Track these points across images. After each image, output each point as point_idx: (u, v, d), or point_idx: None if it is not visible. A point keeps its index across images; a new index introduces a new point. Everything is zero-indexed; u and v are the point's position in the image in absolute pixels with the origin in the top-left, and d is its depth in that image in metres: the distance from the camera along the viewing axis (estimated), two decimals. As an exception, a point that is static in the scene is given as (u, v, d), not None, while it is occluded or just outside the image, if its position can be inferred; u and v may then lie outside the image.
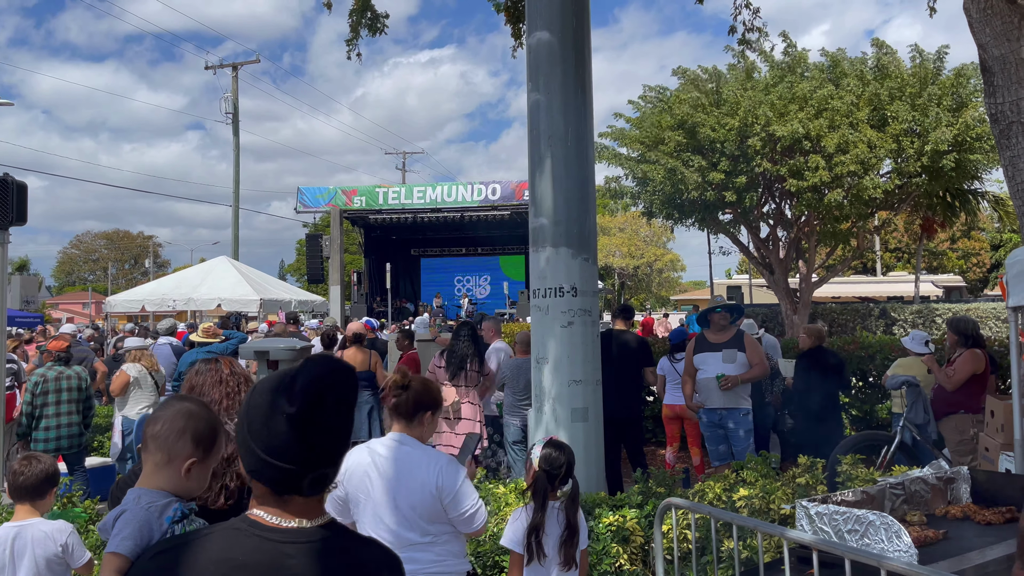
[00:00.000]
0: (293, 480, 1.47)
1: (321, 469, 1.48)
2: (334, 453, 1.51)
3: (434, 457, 2.97)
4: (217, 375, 2.75)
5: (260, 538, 1.45)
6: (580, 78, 5.57)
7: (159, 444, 1.97)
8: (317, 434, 1.46)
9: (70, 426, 6.80)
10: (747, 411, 6.39)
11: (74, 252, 79.88)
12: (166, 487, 1.96)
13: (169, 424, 1.98)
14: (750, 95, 13.90)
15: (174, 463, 1.96)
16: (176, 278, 20.51)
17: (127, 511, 1.90)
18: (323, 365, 1.52)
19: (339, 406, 1.49)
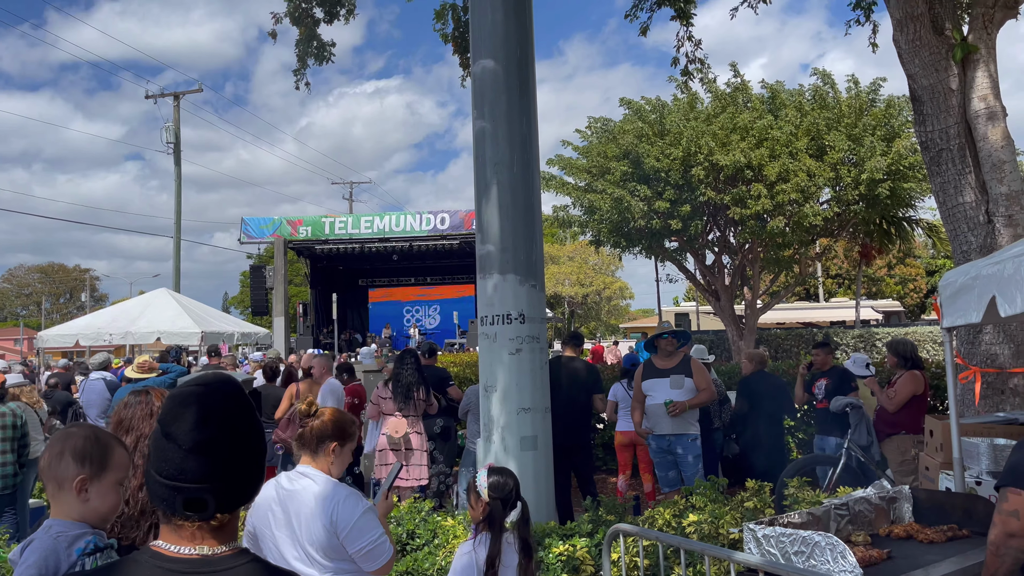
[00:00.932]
0: (172, 498, 1.41)
1: (196, 486, 1.40)
2: (207, 471, 1.41)
3: (334, 490, 2.82)
4: (148, 408, 2.64)
5: (161, 569, 1.39)
6: (525, 106, 5.59)
7: (46, 475, 1.93)
8: (184, 448, 1.40)
9: (3, 465, 6.44)
10: (695, 436, 6.40)
11: (5, 287, 77.09)
12: (74, 516, 1.90)
13: (48, 452, 1.93)
14: (693, 125, 14.22)
15: (64, 487, 1.90)
16: (113, 311, 19.87)
17: (35, 540, 1.82)
18: (198, 381, 1.49)
19: (207, 421, 1.42)
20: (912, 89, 4.81)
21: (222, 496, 1.42)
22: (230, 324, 19.86)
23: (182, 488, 1.40)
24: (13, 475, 6.59)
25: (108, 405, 8.34)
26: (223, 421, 1.44)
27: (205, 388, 1.47)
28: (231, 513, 1.45)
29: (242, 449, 1.46)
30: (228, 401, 1.47)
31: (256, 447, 1.50)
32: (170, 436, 1.42)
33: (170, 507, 1.42)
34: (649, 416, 6.48)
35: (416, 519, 5.04)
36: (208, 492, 1.41)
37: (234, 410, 1.47)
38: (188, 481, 1.40)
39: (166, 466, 1.42)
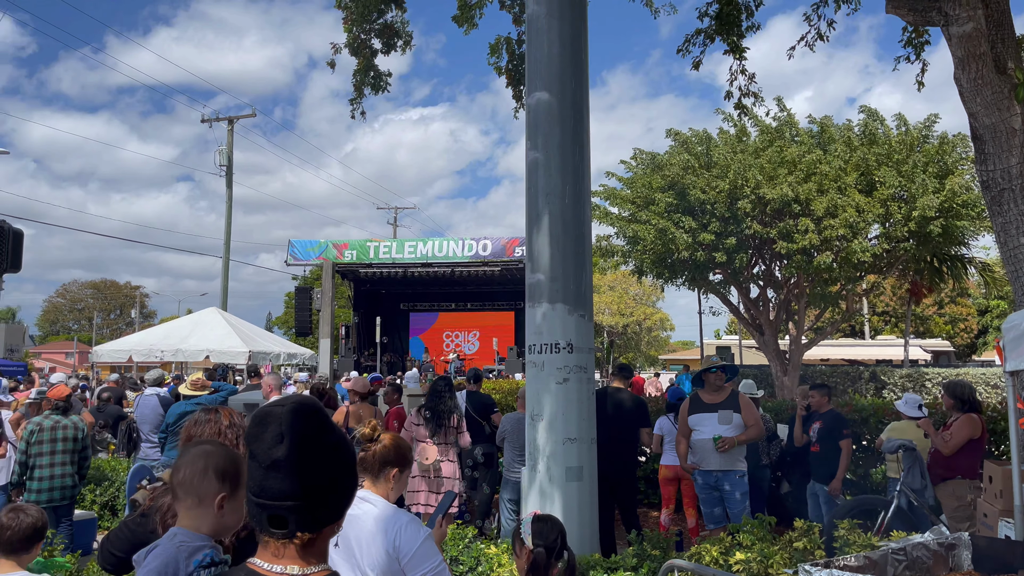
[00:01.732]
0: (259, 515, 1.46)
1: (275, 503, 1.44)
2: (285, 489, 1.44)
3: (395, 516, 2.84)
4: (216, 427, 2.71)
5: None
6: (578, 137, 5.66)
7: (186, 490, 2.01)
8: (263, 467, 1.45)
9: (63, 477, 6.62)
10: (743, 473, 6.32)
11: (59, 301, 79.33)
12: (203, 529, 1.99)
13: (190, 468, 2.01)
14: (740, 158, 14.17)
15: (205, 503, 1.99)
16: (164, 328, 20.34)
17: (159, 546, 1.92)
18: (277, 402, 1.53)
19: (283, 440, 1.45)
20: (973, 128, 4.76)
21: (301, 514, 1.45)
22: (276, 345, 20.17)
23: (265, 505, 1.45)
24: (72, 486, 6.77)
25: (161, 421, 8.52)
26: (298, 441, 1.46)
27: (282, 408, 1.50)
28: (314, 533, 1.48)
29: (319, 468, 1.48)
30: (304, 421, 1.48)
31: (337, 467, 1.52)
32: (252, 455, 1.47)
33: (257, 523, 1.47)
34: (696, 451, 6.42)
35: (460, 546, 5.05)
36: (286, 510, 1.44)
37: (310, 430, 1.48)
38: (268, 498, 1.45)
39: (252, 483, 1.47)
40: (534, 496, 5.46)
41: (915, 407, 6.97)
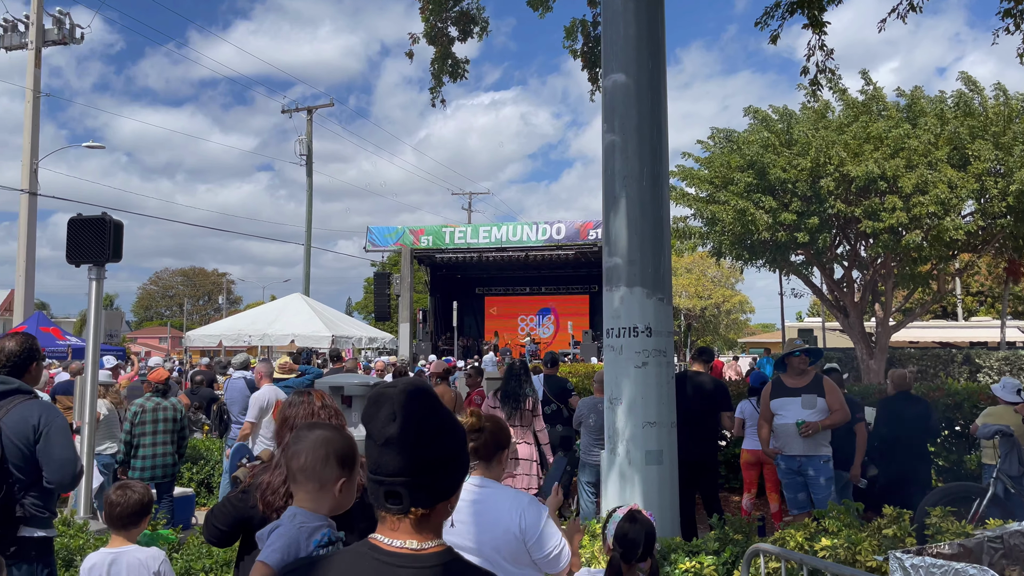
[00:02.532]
0: (376, 490, 1.55)
1: (390, 479, 1.52)
2: (398, 466, 1.52)
3: (516, 498, 2.92)
4: (309, 408, 2.83)
5: (377, 560, 1.53)
6: (655, 119, 5.60)
7: (308, 475, 2.11)
8: (378, 444, 1.54)
9: (165, 456, 7.02)
10: (828, 458, 6.19)
11: (152, 288, 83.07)
12: (321, 510, 2.10)
13: (312, 454, 2.10)
14: (823, 135, 13.72)
15: (327, 487, 2.09)
16: (252, 314, 21.12)
17: (281, 527, 2.03)
18: (390, 384, 1.61)
19: (394, 419, 1.53)
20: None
21: (414, 490, 1.53)
22: (357, 329, 20.69)
23: (381, 481, 1.54)
24: (172, 465, 7.16)
25: (248, 403, 8.88)
26: (409, 420, 1.53)
27: (395, 390, 1.59)
28: (428, 508, 1.56)
29: (430, 446, 1.55)
30: (415, 401, 1.56)
31: (447, 445, 1.59)
32: (369, 434, 1.56)
33: (375, 499, 1.56)
34: (778, 436, 6.32)
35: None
36: (400, 485, 1.52)
37: (421, 410, 1.56)
38: (384, 475, 1.53)
39: (369, 461, 1.57)
40: (614, 479, 5.48)
41: (1013, 391, 6.68)
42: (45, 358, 6.39)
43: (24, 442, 3.26)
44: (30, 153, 20.44)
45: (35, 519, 3.32)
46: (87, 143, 23.07)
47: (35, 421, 3.29)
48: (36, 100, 20.63)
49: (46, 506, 3.38)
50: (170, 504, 7.14)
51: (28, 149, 20.49)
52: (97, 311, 6.65)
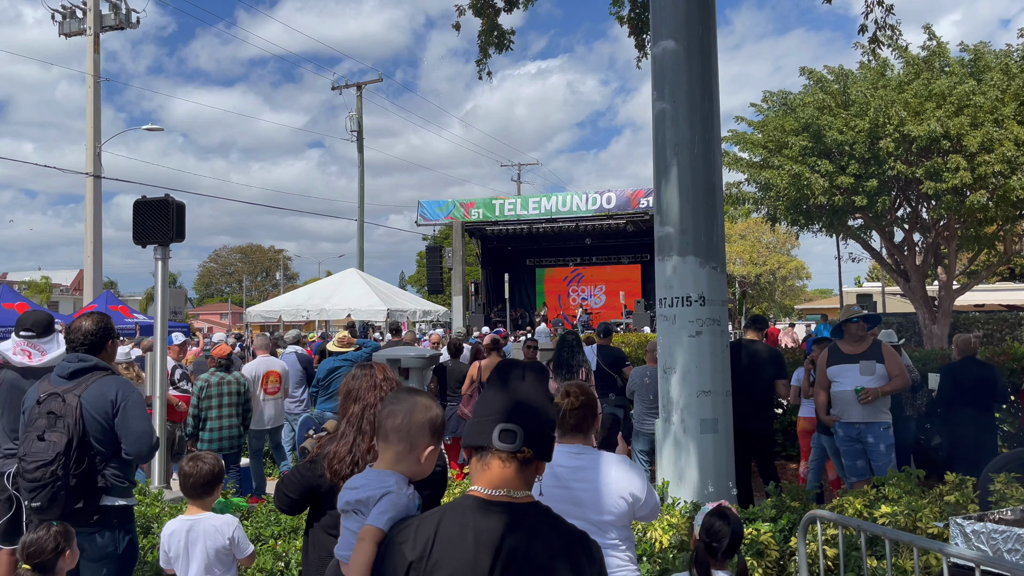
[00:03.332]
0: (490, 430, 1.77)
1: (510, 422, 1.76)
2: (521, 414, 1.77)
3: (620, 463, 3.07)
4: (372, 380, 2.92)
5: (477, 508, 1.72)
6: (706, 85, 5.53)
7: (401, 436, 2.20)
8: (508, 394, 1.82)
9: (230, 428, 7.30)
10: (887, 425, 6.10)
11: (212, 266, 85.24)
12: (407, 472, 2.21)
13: (410, 417, 2.20)
14: (881, 94, 13.29)
15: (415, 451, 2.20)
16: (309, 290, 21.57)
17: (392, 493, 2.13)
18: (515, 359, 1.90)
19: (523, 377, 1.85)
20: None
21: (529, 432, 1.73)
22: (411, 302, 20.99)
23: (497, 420, 1.76)
24: (238, 436, 7.43)
25: (301, 376, 9.13)
26: (535, 381, 1.85)
27: (522, 363, 1.93)
28: (533, 456, 1.76)
29: (543, 405, 1.84)
30: (537, 372, 1.89)
31: (551, 413, 1.87)
32: (498, 385, 1.84)
33: (487, 439, 1.77)
34: (836, 403, 6.25)
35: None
36: (519, 425, 1.75)
37: (540, 378, 1.88)
38: (503, 415, 1.77)
39: (483, 407, 1.83)
40: (668, 448, 5.51)
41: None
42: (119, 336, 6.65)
43: (103, 416, 3.44)
44: (92, 137, 21.09)
45: (116, 489, 3.52)
46: (147, 126, 23.69)
47: (113, 396, 3.47)
48: (96, 85, 21.22)
49: (125, 476, 3.58)
50: (237, 474, 7.42)
51: (91, 133, 21.13)
52: (164, 289, 6.89)
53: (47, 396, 3.42)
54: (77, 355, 3.56)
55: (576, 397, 3.06)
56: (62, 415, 3.34)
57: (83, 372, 3.52)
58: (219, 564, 3.39)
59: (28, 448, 3.34)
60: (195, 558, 3.37)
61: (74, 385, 3.46)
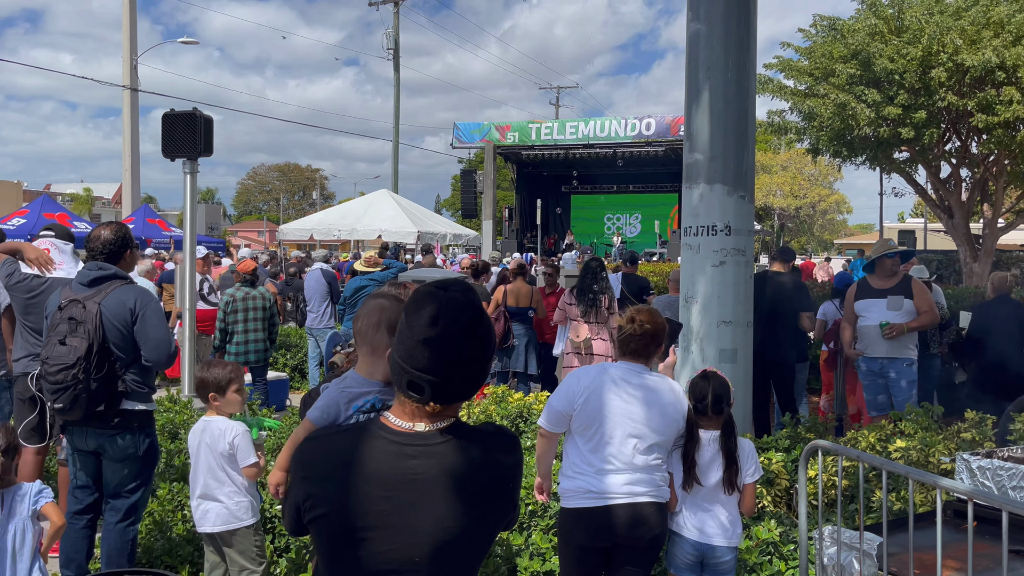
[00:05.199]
0: (400, 377, 1.63)
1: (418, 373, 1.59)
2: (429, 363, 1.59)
3: (673, 385, 3.30)
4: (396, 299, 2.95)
5: (383, 439, 1.64)
6: (743, 5, 5.30)
7: (362, 338, 2.25)
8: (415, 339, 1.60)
9: (256, 342, 7.47)
10: (911, 361, 6.03)
11: (250, 183, 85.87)
12: (376, 376, 2.24)
13: (365, 319, 2.25)
14: (937, 20, 12.65)
15: (377, 352, 2.22)
16: (341, 209, 21.71)
17: (329, 388, 2.19)
18: (440, 284, 1.66)
19: (437, 320, 1.59)
20: None
21: (436, 388, 1.60)
22: (442, 225, 21.03)
23: (407, 371, 1.61)
24: (264, 350, 7.61)
25: (326, 292, 9.22)
26: (450, 326, 1.59)
27: (445, 292, 1.63)
28: (446, 405, 1.64)
29: (462, 355, 1.61)
30: (459, 311, 1.62)
31: (478, 358, 1.65)
32: (409, 324, 1.62)
33: (397, 383, 1.66)
34: (861, 337, 6.18)
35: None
36: (425, 382, 1.59)
37: (462, 319, 1.61)
38: (412, 367, 1.60)
39: (401, 349, 1.63)
40: (686, 376, 5.50)
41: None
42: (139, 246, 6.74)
43: (122, 323, 3.53)
44: (129, 49, 21.05)
45: (136, 394, 3.64)
46: (182, 39, 23.55)
47: (131, 304, 3.55)
48: (132, -4, 21.04)
49: (145, 382, 3.69)
50: (264, 387, 7.62)
51: (127, 46, 21.09)
52: (192, 203, 6.97)
53: (68, 302, 3.52)
54: (96, 263, 3.64)
55: (640, 325, 3.18)
56: (82, 321, 3.44)
57: (103, 280, 3.60)
58: (223, 469, 3.45)
59: (50, 352, 3.45)
60: (203, 458, 3.47)
61: (94, 292, 3.55)
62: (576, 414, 3.13)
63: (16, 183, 45.75)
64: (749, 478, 3.24)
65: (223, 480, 3.45)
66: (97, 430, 3.59)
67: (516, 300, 8.20)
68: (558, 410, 3.17)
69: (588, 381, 3.16)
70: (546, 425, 3.24)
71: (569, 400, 3.14)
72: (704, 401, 3.24)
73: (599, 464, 3.07)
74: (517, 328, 8.19)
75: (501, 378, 8.29)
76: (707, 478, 3.20)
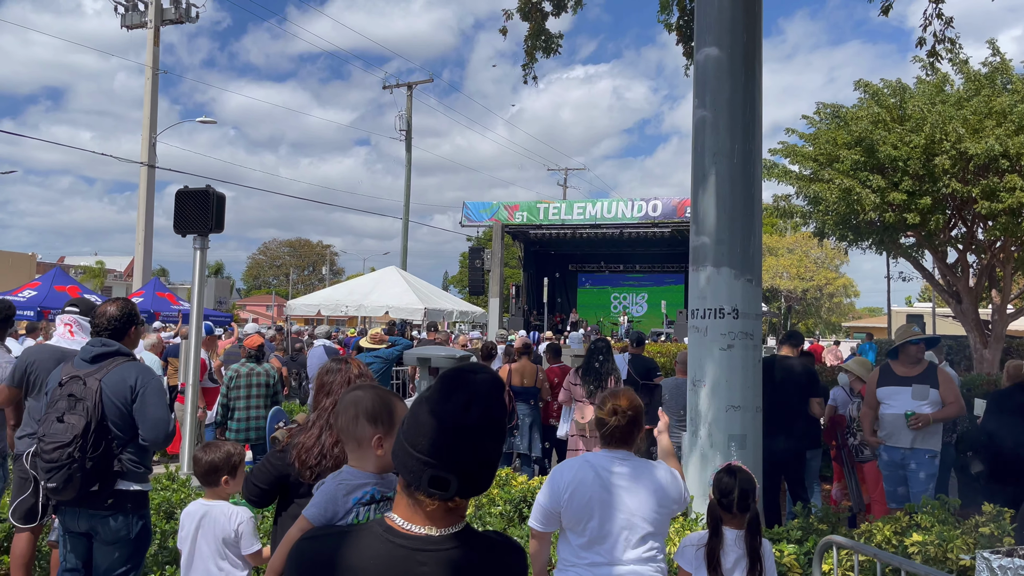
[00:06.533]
0: (421, 472, 1.46)
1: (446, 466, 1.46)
2: (460, 455, 1.46)
3: (662, 467, 3.16)
4: (345, 375, 2.91)
5: (389, 543, 1.49)
6: (749, 94, 5.41)
7: (346, 435, 2.23)
8: (445, 427, 1.46)
9: (258, 419, 7.36)
10: (934, 453, 5.85)
11: (261, 258, 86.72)
12: (368, 468, 2.20)
13: (343, 415, 2.24)
14: (939, 110, 12.90)
15: (363, 445, 2.19)
16: (349, 286, 21.80)
17: (325, 483, 2.15)
18: (469, 368, 1.54)
19: (471, 406, 1.48)
20: None
21: (466, 481, 1.47)
22: (449, 303, 21.06)
23: (432, 465, 1.45)
24: (265, 428, 7.49)
25: None
26: (486, 412, 1.47)
27: (477, 376, 1.51)
28: (466, 499, 1.52)
29: (492, 443, 1.51)
30: (494, 397, 1.50)
31: (501, 441, 1.54)
32: (435, 413, 1.47)
33: (415, 480, 1.47)
34: (884, 426, 6.02)
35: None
36: (456, 475, 1.45)
37: (497, 407, 1.51)
38: (440, 460, 1.45)
39: (423, 441, 1.46)
40: (695, 462, 5.40)
41: None
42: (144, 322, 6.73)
43: (122, 401, 3.48)
44: (149, 127, 21.61)
45: (131, 474, 3.56)
46: (200, 118, 24.19)
47: (132, 382, 3.51)
48: (155, 77, 21.75)
49: (142, 462, 3.61)
50: (264, 465, 7.48)
51: (147, 124, 21.66)
52: (201, 278, 6.99)
53: (69, 379, 3.48)
54: (100, 339, 3.61)
55: (623, 415, 3.08)
56: (82, 398, 3.39)
57: (105, 356, 3.57)
58: (225, 556, 3.34)
59: (47, 429, 3.39)
60: (201, 544, 3.36)
61: (96, 369, 3.51)
62: (563, 510, 3.01)
63: (30, 255, 46.30)
64: None
65: (227, 569, 3.33)
66: (90, 511, 3.49)
67: (521, 379, 8.13)
68: (545, 507, 3.06)
69: (571, 475, 3.03)
70: (537, 525, 3.10)
71: (555, 496, 3.03)
72: (730, 496, 3.10)
73: (591, 558, 2.96)
74: (521, 408, 8.09)
75: (504, 459, 8.14)
76: None
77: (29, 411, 4.45)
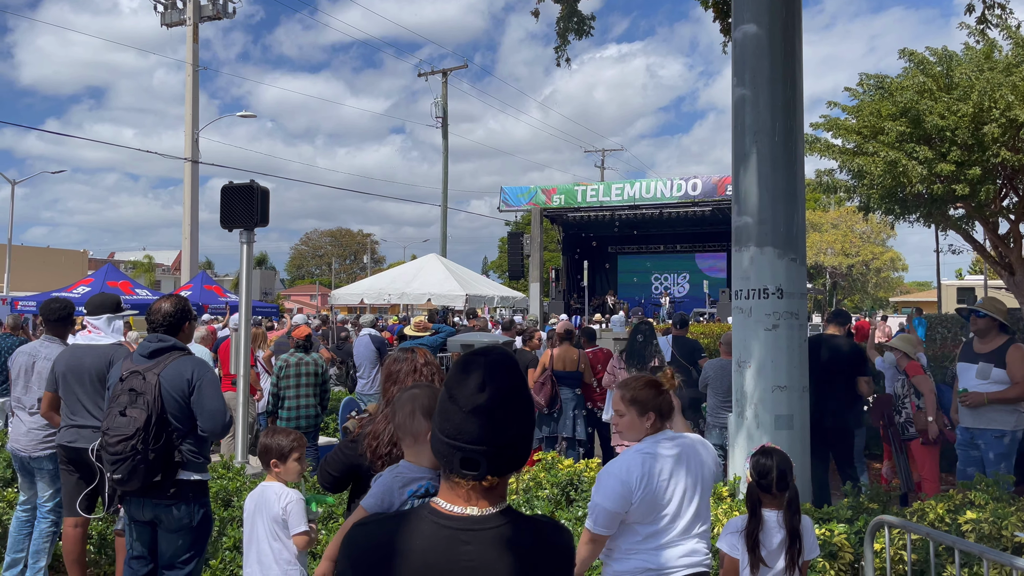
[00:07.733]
0: (451, 456, 1.56)
1: (472, 447, 1.54)
2: (482, 434, 1.54)
3: (704, 442, 3.20)
4: (412, 364, 2.98)
5: (436, 524, 1.57)
6: (789, 71, 5.33)
7: (403, 430, 2.32)
8: (464, 411, 1.55)
9: (307, 407, 7.53)
10: (1001, 433, 5.63)
11: (303, 248, 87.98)
12: (423, 462, 2.28)
13: (401, 411, 2.32)
14: (988, 77, 12.52)
15: (420, 440, 2.27)
16: (391, 274, 22.04)
17: (383, 475, 2.22)
18: (482, 351, 1.63)
19: (485, 387, 1.56)
20: None
21: (493, 459, 1.56)
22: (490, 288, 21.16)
23: (460, 447, 1.55)
24: (315, 416, 7.66)
25: (375, 357, 9.27)
26: (499, 390, 1.57)
27: (487, 358, 1.61)
28: (501, 477, 1.59)
29: (514, 419, 1.59)
30: (506, 373, 1.60)
31: (526, 420, 1.62)
32: (453, 398, 1.58)
33: (449, 464, 1.59)
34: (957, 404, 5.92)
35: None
36: (481, 454, 1.55)
37: (510, 382, 1.60)
38: (465, 441, 1.55)
39: (448, 426, 1.57)
40: (741, 442, 5.38)
41: None
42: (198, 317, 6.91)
43: (180, 394, 3.61)
44: (191, 124, 22.01)
45: (192, 464, 3.70)
46: (241, 113, 24.55)
47: (189, 375, 3.63)
48: (195, 74, 22.12)
49: (201, 452, 3.75)
50: (315, 453, 7.65)
51: (189, 120, 22.06)
52: (248, 271, 7.13)
53: (129, 374, 3.62)
54: (157, 335, 3.75)
55: (671, 385, 3.24)
56: (142, 392, 3.53)
57: (162, 352, 3.70)
58: (278, 537, 3.43)
59: (111, 423, 3.54)
60: (258, 524, 3.46)
61: (153, 364, 3.65)
62: (633, 508, 2.93)
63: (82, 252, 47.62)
64: (810, 554, 3.12)
65: (278, 550, 3.44)
66: (153, 500, 3.64)
67: (564, 364, 8.16)
68: (612, 511, 2.92)
69: (639, 472, 2.94)
70: (602, 530, 2.95)
71: (624, 498, 2.91)
72: (768, 477, 3.10)
73: (656, 541, 2.96)
74: (565, 392, 8.12)
75: (549, 443, 8.19)
76: (774, 560, 3.06)
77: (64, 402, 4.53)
